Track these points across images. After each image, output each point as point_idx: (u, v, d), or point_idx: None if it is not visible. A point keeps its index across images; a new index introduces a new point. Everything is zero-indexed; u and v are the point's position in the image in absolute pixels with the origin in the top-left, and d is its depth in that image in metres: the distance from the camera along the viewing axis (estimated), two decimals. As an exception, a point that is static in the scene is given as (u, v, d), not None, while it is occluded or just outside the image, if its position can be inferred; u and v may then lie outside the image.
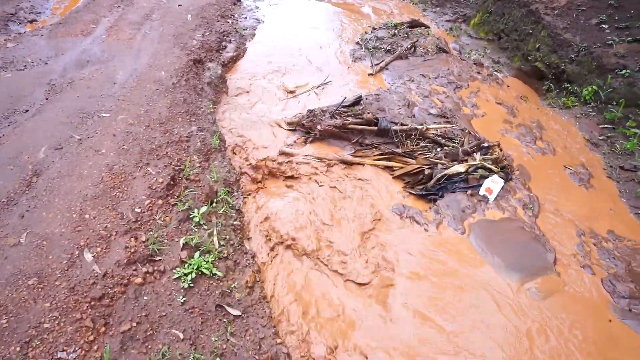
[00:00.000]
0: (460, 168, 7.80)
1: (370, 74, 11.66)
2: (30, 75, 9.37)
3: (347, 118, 9.01)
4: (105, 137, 7.26)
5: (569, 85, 11.52)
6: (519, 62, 13.43)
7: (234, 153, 8.65)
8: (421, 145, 8.56)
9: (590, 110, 10.74)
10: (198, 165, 7.34)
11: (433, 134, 8.64)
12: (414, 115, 9.70)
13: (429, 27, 15.02)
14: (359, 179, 8.09)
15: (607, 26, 11.92)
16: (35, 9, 13.93)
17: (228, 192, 7.20)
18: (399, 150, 8.42)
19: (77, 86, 8.90)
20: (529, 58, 12.92)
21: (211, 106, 9.34)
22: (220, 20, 13.39)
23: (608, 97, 10.52)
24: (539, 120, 10.41)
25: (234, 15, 14.18)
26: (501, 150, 8.66)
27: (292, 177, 8.25)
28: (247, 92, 10.58)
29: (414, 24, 14.81)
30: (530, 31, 13.19)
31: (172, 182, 6.63)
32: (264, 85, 10.84)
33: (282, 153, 8.69)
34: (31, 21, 13.20)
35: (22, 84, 8.95)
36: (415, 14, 17.18)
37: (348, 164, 8.44)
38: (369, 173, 8.22)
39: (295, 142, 9.09)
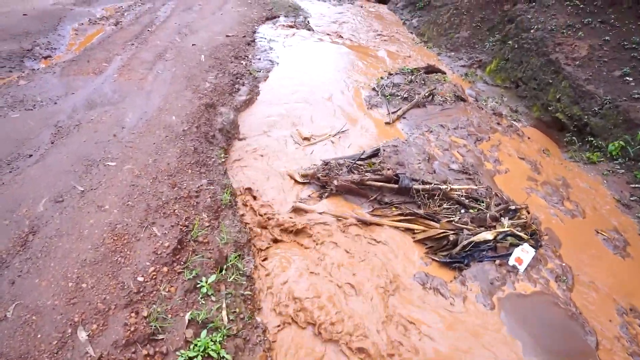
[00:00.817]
0: (488, 235, 7.21)
1: (387, 123, 11.18)
2: (38, 115, 8.94)
3: (366, 174, 8.49)
4: (110, 190, 6.74)
5: (592, 138, 11.01)
6: (538, 112, 12.97)
7: (245, 205, 8.08)
8: (444, 206, 7.95)
9: (618, 167, 10.19)
10: (207, 224, 6.77)
11: (457, 194, 8.05)
12: (434, 171, 9.17)
13: (445, 73, 14.65)
14: (378, 242, 7.50)
15: (631, 79, 11.49)
16: (52, 44, 13.66)
17: (239, 255, 6.60)
18: (421, 212, 7.85)
19: (84, 129, 8.45)
20: (549, 108, 12.47)
21: (222, 155, 8.84)
22: (234, 61, 13.03)
23: (637, 154, 9.99)
24: (564, 177, 9.85)
25: (247, 57, 13.83)
26: (529, 212, 8.05)
27: (306, 235, 7.66)
28: (260, 138, 10.07)
29: (430, 70, 14.45)
30: (550, 81, 12.77)
31: (179, 246, 6.06)
32: (277, 131, 10.37)
33: (296, 209, 8.14)
34: (46, 57, 12.89)
35: (29, 126, 8.51)
36: (430, 58, 16.87)
37: (366, 223, 7.86)
38: (389, 235, 7.65)
39: (309, 196, 8.54)
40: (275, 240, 7.58)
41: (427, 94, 12.32)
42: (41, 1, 17.12)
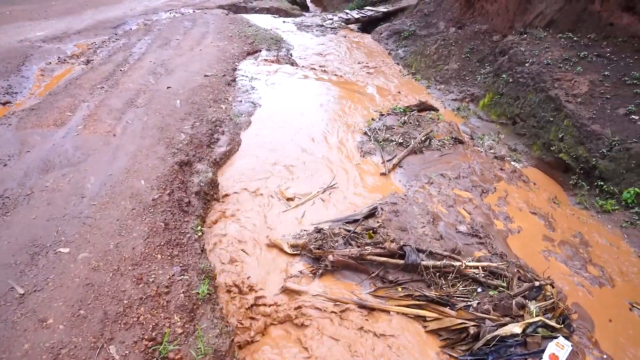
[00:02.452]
0: (516, 328, 5.95)
1: (382, 174, 9.94)
2: (-18, 183, 7.48)
3: (366, 247, 7.19)
4: (58, 293, 5.37)
5: (602, 183, 9.90)
6: (539, 152, 11.86)
7: (227, 292, 6.73)
8: (459, 287, 6.69)
9: (636, 217, 9.09)
10: (180, 331, 5.39)
11: (473, 272, 6.79)
12: (441, 236, 7.94)
13: (437, 110, 13.55)
14: (383, 334, 6.19)
15: (637, 117, 10.47)
16: (12, 88, 12.24)
17: (219, 370, 5.22)
18: (432, 294, 6.56)
19: (36, 201, 7.06)
20: (552, 148, 11.36)
21: (199, 227, 7.47)
22: (213, 105, 11.72)
23: (657, 204, 8.93)
24: (581, 232, 8.71)
25: (227, 99, 12.53)
26: (553, 287, 6.83)
27: (300, 326, 6.34)
28: (242, 198, 8.74)
29: (422, 107, 13.35)
30: (551, 119, 11.71)
31: None
32: (261, 190, 9.07)
33: (285, 289, 6.82)
34: (4, 103, 11.46)
35: (-32, 198, 7.05)
36: (419, 92, 15.78)
37: (369, 308, 6.54)
38: (397, 324, 6.38)
39: (301, 272, 7.24)
40: (262, 332, 6.25)
41: (423, 139, 11.13)
42: (8, 38, 15.67)
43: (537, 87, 12.57)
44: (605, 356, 6.16)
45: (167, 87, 12.05)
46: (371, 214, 8.51)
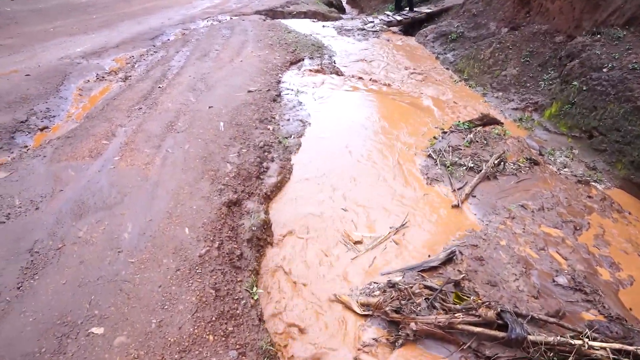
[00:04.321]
0: None
1: (454, 206, 8.43)
2: (10, 234, 6.40)
3: (456, 315, 5.72)
4: (89, 401, 4.10)
5: None
6: (625, 171, 10.07)
7: (289, 369, 5.42)
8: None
9: None
10: None
11: (599, 355, 5.26)
12: (539, 293, 6.41)
13: (502, 124, 11.90)
14: None
15: None
16: (50, 111, 11.22)
17: None
18: (547, 381, 5.07)
19: (67, 258, 5.94)
20: (644, 168, 9.56)
21: (254, 288, 6.18)
22: (259, 126, 10.41)
23: None
24: None
25: (274, 118, 11.20)
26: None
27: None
28: (298, 242, 7.41)
29: (486, 121, 11.70)
30: (643, 134, 9.89)
31: None
32: (320, 229, 7.71)
33: (358, 364, 5.45)
34: (42, 129, 10.44)
35: (-8, 254, 5.97)
36: (475, 100, 14.11)
37: (465, 396, 5.13)
38: (503, 421, 4.90)
39: (376, 341, 5.86)
40: None
41: (496, 162, 9.55)
42: (49, 56, 14.77)
43: (620, 97, 10.77)
44: None
45: (209, 107, 10.82)
46: (449, 259, 7.07)
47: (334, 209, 8.23)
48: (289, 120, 11.30)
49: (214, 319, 5.25)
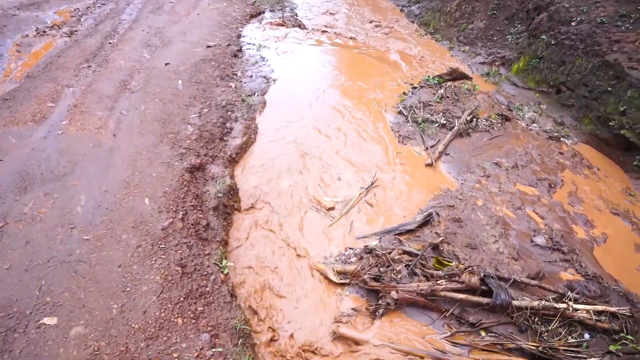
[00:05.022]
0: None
1: (428, 164, 8.10)
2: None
3: (438, 281, 5.43)
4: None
5: (682, 167, 8.15)
6: (592, 126, 9.96)
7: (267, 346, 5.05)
8: (566, 336, 5.04)
9: None
10: None
11: (581, 316, 5.11)
12: (518, 254, 6.23)
13: (471, 79, 11.52)
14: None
15: None
16: (-15, 69, 9.97)
17: None
18: (532, 347, 4.89)
19: (11, 239, 5.29)
20: (610, 123, 9.43)
21: (223, 261, 5.67)
22: (220, 84, 9.63)
23: None
24: (674, 238, 7.02)
25: (236, 75, 10.41)
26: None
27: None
28: (267, 208, 6.92)
29: (455, 76, 11.28)
30: (609, 88, 9.70)
31: None
32: (288, 193, 7.23)
33: (338, 337, 5.13)
34: (-25, 89, 9.25)
35: None
36: (442, 54, 13.62)
37: (449, 364, 4.92)
38: (488, 388, 4.74)
39: (355, 310, 5.52)
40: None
41: (468, 119, 9.20)
42: (-21, 7, 13.15)
43: (589, 51, 10.51)
44: None
45: (166, 64, 9.91)
46: (426, 221, 6.77)
47: (303, 172, 7.73)
48: (251, 77, 10.53)
49: (181, 299, 4.75)
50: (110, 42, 11.09)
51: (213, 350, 4.37)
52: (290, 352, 4.98)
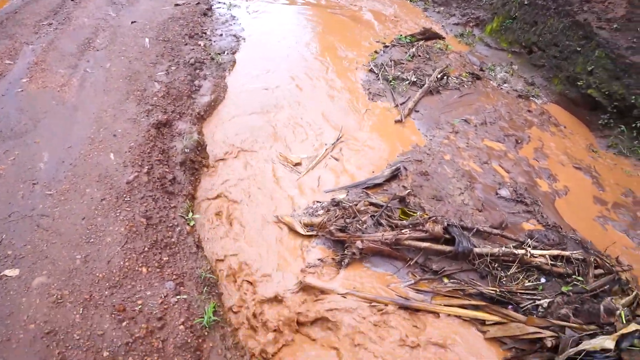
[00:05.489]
0: (607, 342, 4.59)
1: (397, 121, 8.17)
2: None
3: (402, 231, 5.57)
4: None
5: (644, 125, 8.38)
6: (561, 86, 10.10)
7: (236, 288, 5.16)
8: (524, 280, 5.25)
9: (690, 168, 7.71)
10: (184, 386, 3.81)
11: (539, 261, 5.32)
12: (483, 206, 6.40)
13: (444, 39, 11.50)
14: (435, 347, 4.78)
15: (686, 47, 8.71)
16: None
17: None
18: (490, 289, 5.11)
19: (-27, 193, 5.12)
20: (578, 83, 9.58)
21: (190, 214, 5.70)
22: (189, 42, 9.45)
23: None
24: (632, 190, 7.33)
25: (205, 33, 10.20)
26: (629, 270, 5.48)
27: (324, 333, 4.90)
28: (236, 164, 6.95)
29: (428, 36, 11.26)
30: (579, 48, 9.81)
31: None
32: (258, 149, 7.25)
33: (305, 286, 5.26)
34: None
35: None
36: (416, 15, 13.51)
37: (413, 309, 5.10)
38: (448, 329, 5.02)
39: (321, 261, 5.65)
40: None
41: (439, 76, 9.24)
42: None
43: (560, 11, 10.55)
44: None
45: (132, 22, 9.64)
46: (394, 175, 6.88)
47: (272, 128, 7.74)
48: (221, 35, 10.33)
49: (146, 249, 4.78)
50: (72, 0, 10.68)
51: (177, 297, 4.44)
52: (256, 303, 5.09)
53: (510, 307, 5.11)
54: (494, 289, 5.19)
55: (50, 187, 5.32)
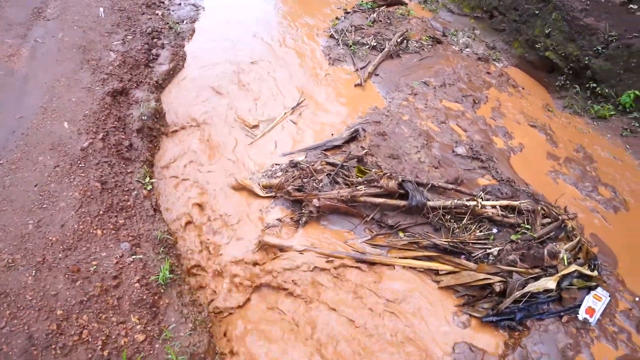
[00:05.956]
0: (549, 283, 4.87)
1: (357, 85, 8.24)
2: None
3: (358, 187, 5.70)
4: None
5: (595, 85, 8.62)
6: (521, 49, 10.28)
7: (193, 255, 5.24)
8: (475, 231, 5.46)
9: (636, 123, 8.03)
10: (141, 338, 3.93)
11: (491, 212, 5.53)
12: (439, 163, 6.56)
13: (407, 4, 11.51)
14: (389, 298, 4.99)
15: (636, 6, 8.94)
16: None
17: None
18: (443, 241, 5.31)
19: None
20: (536, 46, 9.76)
21: (147, 178, 5.72)
22: (146, 11, 9.26)
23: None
24: (583, 147, 7.59)
25: (163, 2, 9.99)
26: (574, 218, 5.75)
27: (283, 289, 5.05)
28: (195, 131, 6.94)
29: (389, 2, 11.25)
30: (536, 12, 9.97)
31: None
32: (217, 115, 7.27)
33: (264, 245, 5.38)
34: None
35: None
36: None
37: (369, 263, 5.27)
38: (403, 281, 5.23)
39: (280, 221, 5.77)
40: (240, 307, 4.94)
41: (399, 40, 9.31)
42: None
43: (519, -25, 10.65)
44: (637, 298, 5.25)
45: (86, -9, 9.33)
46: (353, 137, 6.98)
47: (231, 95, 7.73)
48: (180, 4, 10.14)
49: (101, 212, 4.80)
50: (21, -31, 10.27)
51: (133, 257, 4.50)
52: (216, 263, 5.19)
53: (462, 256, 5.33)
54: (447, 240, 5.39)
55: (1, 157, 5.24)
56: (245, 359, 4.48)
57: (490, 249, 5.27)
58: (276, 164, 6.46)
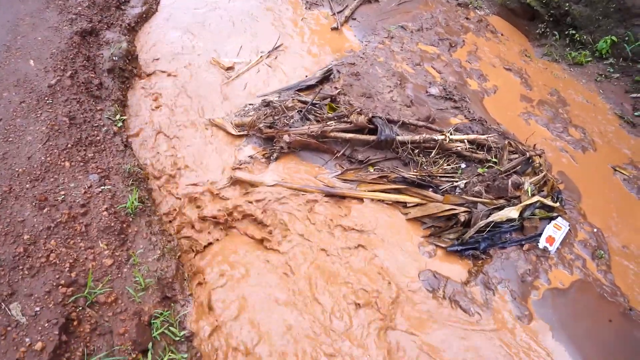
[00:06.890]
0: (512, 212, 5.03)
1: (334, 28, 8.19)
2: None
3: (328, 122, 5.76)
4: None
5: (574, 32, 8.66)
6: (502, -3, 10.19)
7: (165, 191, 5.33)
8: (442, 164, 5.58)
9: (611, 69, 8.13)
10: (109, 262, 4.03)
11: (458, 147, 5.64)
12: (412, 102, 6.62)
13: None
14: (358, 229, 5.12)
15: (618, -50, 8.84)
16: None
17: (168, 306, 4.04)
18: (412, 174, 5.44)
19: None
20: (518, -8, 9.70)
21: (118, 117, 5.71)
22: (117, -50, 8.93)
23: (635, 53, 7.89)
24: (557, 90, 7.68)
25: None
26: (541, 155, 5.90)
27: (255, 221, 5.17)
28: (169, 75, 6.89)
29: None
30: (518, -44, 9.85)
31: (64, 339, 3.36)
32: (192, 60, 7.19)
33: (235, 181, 5.47)
34: None
35: None
36: None
37: (338, 196, 5.40)
38: (372, 213, 5.33)
39: (251, 158, 5.84)
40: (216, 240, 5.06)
41: (378, -16, 9.18)
42: None
43: None
44: (595, 229, 5.47)
45: None
46: (326, 77, 6.99)
47: (206, 38, 7.63)
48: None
49: (69, 146, 4.81)
50: None
51: (102, 188, 4.55)
52: (186, 198, 5.27)
53: (430, 189, 5.46)
54: (415, 173, 5.51)
55: (-37, 94, 5.18)
56: (213, 280, 4.60)
57: (457, 182, 5.40)
58: (250, 104, 6.47)
